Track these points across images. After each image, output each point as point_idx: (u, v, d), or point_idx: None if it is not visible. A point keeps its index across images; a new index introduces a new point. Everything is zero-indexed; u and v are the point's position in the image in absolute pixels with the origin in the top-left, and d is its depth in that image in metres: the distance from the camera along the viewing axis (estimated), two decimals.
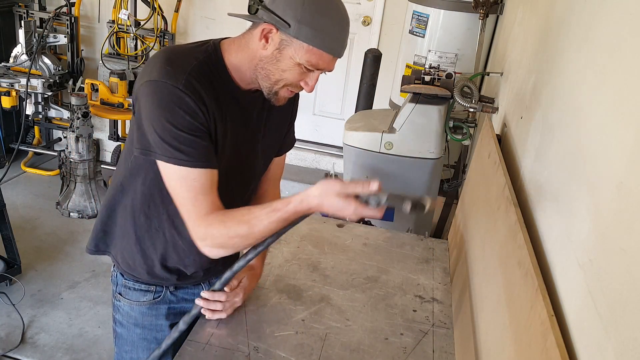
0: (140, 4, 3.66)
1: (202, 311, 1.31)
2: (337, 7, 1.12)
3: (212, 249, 1.18)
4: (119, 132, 4.02)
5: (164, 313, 1.39)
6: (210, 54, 1.17)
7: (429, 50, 2.80)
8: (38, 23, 3.77)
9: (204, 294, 1.31)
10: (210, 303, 1.31)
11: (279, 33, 1.11)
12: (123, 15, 3.55)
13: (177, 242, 1.31)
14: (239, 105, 1.21)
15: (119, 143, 4.06)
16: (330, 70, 1.16)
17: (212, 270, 1.40)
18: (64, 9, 3.71)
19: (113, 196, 1.31)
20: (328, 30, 1.09)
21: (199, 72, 1.12)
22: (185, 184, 1.12)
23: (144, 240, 1.31)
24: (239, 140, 1.24)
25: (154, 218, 1.28)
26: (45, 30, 3.60)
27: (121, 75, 3.55)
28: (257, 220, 1.12)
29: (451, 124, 2.44)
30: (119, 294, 1.38)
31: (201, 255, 1.22)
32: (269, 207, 1.13)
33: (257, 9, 1.11)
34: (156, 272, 1.33)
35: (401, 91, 2.43)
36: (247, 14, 1.14)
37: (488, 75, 2.50)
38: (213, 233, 1.15)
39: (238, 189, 1.32)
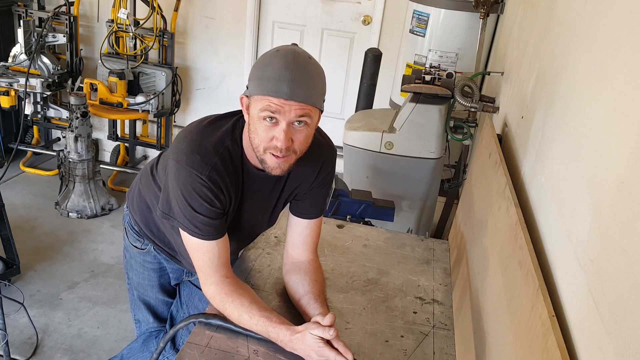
0: (139, 3, 3.65)
1: None
2: (282, 55, 1.16)
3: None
4: (118, 132, 4.01)
5: (149, 260, 1.62)
6: (236, 142, 1.28)
7: (430, 50, 2.79)
8: (37, 22, 3.75)
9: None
10: None
11: (246, 98, 1.22)
12: (122, 14, 3.54)
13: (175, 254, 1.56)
14: (255, 183, 1.34)
15: (118, 143, 4.06)
16: (293, 118, 1.16)
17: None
18: (63, 8, 3.69)
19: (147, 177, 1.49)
20: (268, 76, 1.15)
21: (223, 161, 1.25)
22: (197, 252, 1.30)
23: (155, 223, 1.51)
24: (254, 208, 1.40)
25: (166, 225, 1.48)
26: (44, 30, 3.60)
27: (120, 75, 3.54)
28: (248, 317, 1.24)
29: (452, 123, 2.44)
30: (125, 229, 1.62)
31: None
32: (264, 318, 1.22)
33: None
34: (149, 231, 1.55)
35: (401, 91, 2.43)
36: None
37: (489, 74, 2.50)
38: (214, 300, 1.31)
39: (246, 239, 1.56)
